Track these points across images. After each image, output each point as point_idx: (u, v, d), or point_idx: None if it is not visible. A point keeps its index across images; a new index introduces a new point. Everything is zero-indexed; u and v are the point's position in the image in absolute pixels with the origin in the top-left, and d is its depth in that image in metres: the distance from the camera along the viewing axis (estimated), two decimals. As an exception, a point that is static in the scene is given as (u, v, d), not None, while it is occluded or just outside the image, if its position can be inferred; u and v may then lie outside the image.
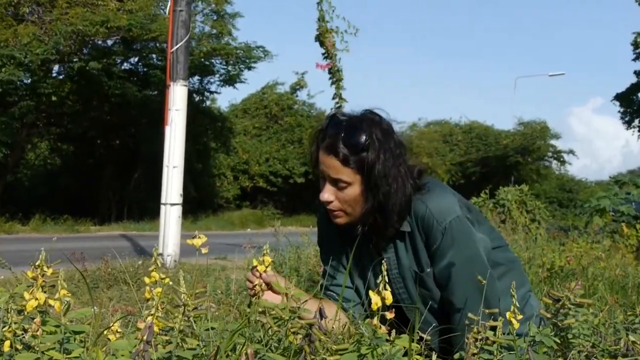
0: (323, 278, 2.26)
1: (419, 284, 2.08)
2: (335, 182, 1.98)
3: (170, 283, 1.52)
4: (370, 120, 2.00)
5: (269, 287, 1.86)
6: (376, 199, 1.98)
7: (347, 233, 2.14)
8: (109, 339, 1.53)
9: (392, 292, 2.01)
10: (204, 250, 1.62)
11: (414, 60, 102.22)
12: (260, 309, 1.54)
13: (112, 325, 1.52)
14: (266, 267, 1.73)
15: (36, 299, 1.40)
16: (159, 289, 1.46)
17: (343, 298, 2.16)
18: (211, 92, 23.58)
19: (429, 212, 2.00)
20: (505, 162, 33.49)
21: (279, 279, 1.91)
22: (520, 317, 1.55)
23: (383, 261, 1.56)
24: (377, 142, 1.96)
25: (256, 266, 1.74)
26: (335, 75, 10.16)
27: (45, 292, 1.45)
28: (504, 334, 1.54)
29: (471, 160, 33.85)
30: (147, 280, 1.42)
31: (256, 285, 1.78)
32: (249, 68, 21.14)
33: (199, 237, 1.63)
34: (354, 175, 1.97)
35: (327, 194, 2.00)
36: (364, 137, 1.95)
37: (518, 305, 1.55)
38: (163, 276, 1.44)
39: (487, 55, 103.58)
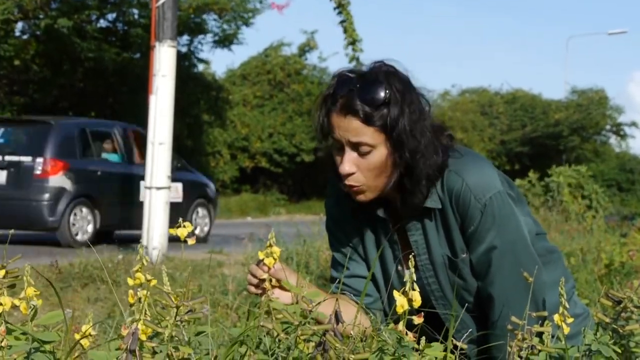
0: (333, 268, 2.27)
1: (452, 272, 2.08)
2: (357, 147, 1.98)
3: (157, 284, 1.52)
4: (385, 72, 2.02)
5: (279, 284, 1.86)
6: (403, 159, 1.98)
7: (363, 214, 2.14)
8: (82, 347, 1.52)
9: (420, 282, 2.02)
10: (190, 242, 1.62)
11: (445, 14, 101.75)
12: (266, 311, 1.55)
13: (87, 331, 1.52)
14: (275, 260, 1.73)
15: (0, 304, 1.40)
16: (145, 291, 1.45)
17: (361, 292, 2.16)
18: (200, 60, 23.54)
19: (466, 187, 2.00)
20: (559, 144, 33.29)
21: (288, 274, 1.91)
22: (571, 320, 1.55)
23: (411, 255, 1.55)
24: (398, 94, 1.98)
25: (262, 260, 1.73)
26: (349, 34, 10.16)
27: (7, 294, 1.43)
28: (551, 336, 1.54)
29: (516, 140, 33.71)
30: (130, 282, 1.41)
31: (264, 280, 1.78)
32: (247, 24, 21.07)
33: (184, 226, 1.62)
34: (378, 135, 1.97)
35: (348, 164, 1.98)
36: (382, 90, 1.96)
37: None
38: (150, 277, 1.43)
39: (534, 10, 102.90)
